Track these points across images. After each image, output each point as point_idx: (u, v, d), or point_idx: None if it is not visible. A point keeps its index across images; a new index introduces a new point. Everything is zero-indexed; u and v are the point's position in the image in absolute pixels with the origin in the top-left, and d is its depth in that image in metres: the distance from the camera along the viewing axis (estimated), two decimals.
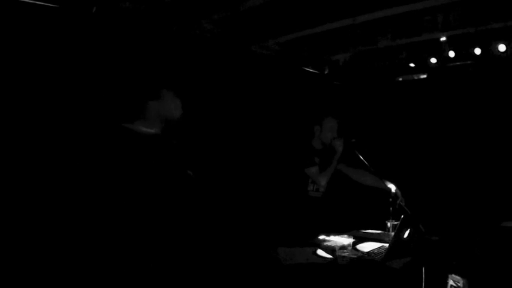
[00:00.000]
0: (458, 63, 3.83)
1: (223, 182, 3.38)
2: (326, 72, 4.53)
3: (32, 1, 2.53)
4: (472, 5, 3.13)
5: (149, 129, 1.85)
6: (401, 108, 4.47)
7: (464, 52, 3.66)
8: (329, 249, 2.30)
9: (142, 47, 2.98)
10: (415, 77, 4.34)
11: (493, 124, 3.87)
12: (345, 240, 2.32)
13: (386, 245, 2.39)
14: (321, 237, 2.51)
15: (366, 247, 2.41)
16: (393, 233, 2.40)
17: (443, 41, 3.67)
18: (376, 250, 2.35)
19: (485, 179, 3.81)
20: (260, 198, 3.37)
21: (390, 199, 2.73)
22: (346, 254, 2.21)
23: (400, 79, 4.47)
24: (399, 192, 2.77)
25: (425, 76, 4.26)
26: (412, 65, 4.09)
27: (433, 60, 3.88)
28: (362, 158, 2.78)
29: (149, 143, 1.81)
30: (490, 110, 3.90)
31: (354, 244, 2.38)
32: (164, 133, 1.90)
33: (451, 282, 2.11)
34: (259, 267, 2.34)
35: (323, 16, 3.34)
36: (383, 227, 2.76)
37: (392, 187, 2.79)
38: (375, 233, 2.79)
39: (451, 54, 3.71)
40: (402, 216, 2.28)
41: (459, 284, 2.08)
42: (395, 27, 3.60)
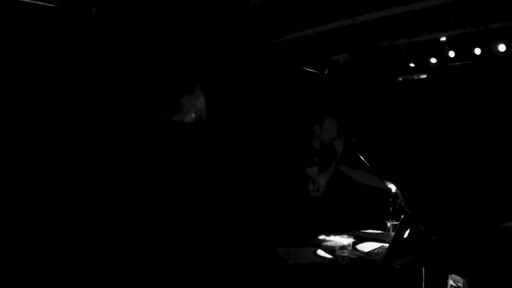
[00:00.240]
0: (458, 63, 3.83)
1: (223, 182, 3.38)
2: (326, 72, 4.53)
3: (32, 1, 2.53)
4: (472, 5, 3.13)
5: (184, 120, 2.05)
6: (401, 108, 4.47)
7: (464, 52, 3.66)
8: (329, 249, 2.30)
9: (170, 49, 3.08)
10: (415, 77, 4.34)
11: (493, 124, 3.87)
12: (345, 240, 2.32)
13: (386, 245, 2.38)
14: (321, 237, 2.51)
15: (366, 247, 2.41)
16: (393, 233, 2.40)
17: (443, 41, 3.67)
18: (376, 250, 2.35)
19: (485, 179, 3.81)
20: (260, 197, 3.37)
21: (390, 199, 2.73)
22: (346, 254, 2.21)
23: (400, 79, 4.47)
24: (399, 192, 2.77)
25: (425, 76, 4.26)
26: (412, 65, 4.09)
27: (433, 60, 3.88)
28: (362, 158, 2.78)
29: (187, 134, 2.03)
30: (490, 110, 3.90)
31: (354, 244, 2.37)
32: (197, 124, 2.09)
33: (451, 282, 2.11)
34: (259, 267, 2.34)
35: (323, 16, 3.34)
36: (383, 227, 2.76)
37: (392, 187, 2.79)
38: (375, 233, 2.79)
39: (451, 54, 3.71)
40: (402, 216, 2.28)
41: (459, 284, 2.08)
42: (395, 27, 3.59)
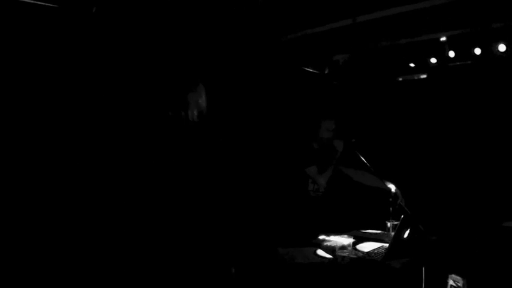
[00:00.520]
0: (458, 63, 3.83)
1: (223, 182, 3.38)
2: (326, 72, 4.53)
3: (32, 1, 2.53)
4: (472, 5, 3.13)
5: (189, 116, 2.25)
6: (401, 108, 4.47)
7: (464, 52, 3.66)
8: (329, 249, 2.30)
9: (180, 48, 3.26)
10: (415, 77, 4.34)
11: (493, 124, 3.87)
12: (345, 240, 2.32)
13: (386, 245, 2.38)
14: (321, 237, 2.51)
15: (366, 247, 2.41)
16: (393, 233, 2.40)
17: (443, 41, 3.67)
18: (376, 250, 2.35)
19: (485, 179, 3.81)
20: (260, 197, 3.37)
21: (390, 199, 2.73)
22: (346, 254, 2.21)
23: (400, 79, 4.47)
24: (399, 192, 2.77)
25: (425, 76, 4.26)
26: (412, 65, 4.09)
27: (433, 60, 3.88)
28: (362, 158, 2.78)
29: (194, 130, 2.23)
30: (490, 110, 3.90)
31: (354, 244, 2.37)
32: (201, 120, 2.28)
33: (451, 282, 2.11)
34: (259, 267, 2.34)
35: (323, 16, 3.34)
36: (383, 227, 2.75)
37: (392, 187, 2.79)
38: (375, 233, 2.79)
39: (451, 54, 3.71)
40: (402, 216, 2.28)
41: (459, 284, 2.08)
42: (395, 27, 3.59)
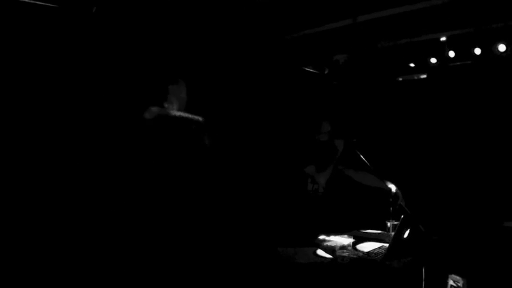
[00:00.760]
0: (458, 63, 3.83)
1: (222, 182, 3.38)
2: (326, 72, 4.53)
3: (32, 1, 2.53)
4: (472, 5, 3.13)
5: (170, 108, 2.41)
6: (401, 108, 4.46)
7: (464, 52, 3.66)
8: (329, 249, 2.30)
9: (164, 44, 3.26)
10: (415, 77, 4.34)
11: (493, 124, 3.87)
12: (345, 240, 2.31)
13: (386, 245, 2.38)
14: (321, 237, 2.51)
15: (366, 247, 2.41)
16: (393, 233, 2.40)
17: (443, 41, 3.67)
18: (376, 250, 2.35)
19: (485, 179, 3.81)
20: (260, 197, 3.37)
21: (390, 199, 2.73)
22: (346, 254, 2.20)
23: (400, 79, 4.47)
24: (399, 192, 2.77)
25: (425, 76, 4.26)
26: (412, 65, 4.09)
27: (433, 60, 3.88)
28: (363, 158, 2.78)
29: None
30: (490, 110, 3.90)
31: (354, 244, 2.38)
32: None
33: (451, 282, 2.11)
34: (259, 266, 2.34)
35: (323, 16, 3.34)
36: (383, 227, 2.75)
37: (392, 187, 2.79)
38: (375, 233, 2.78)
39: (451, 54, 3.71)
40: (402, 216, 2.28)
41: (459, 284, 2.08)
42: (395, 27, 3.59)
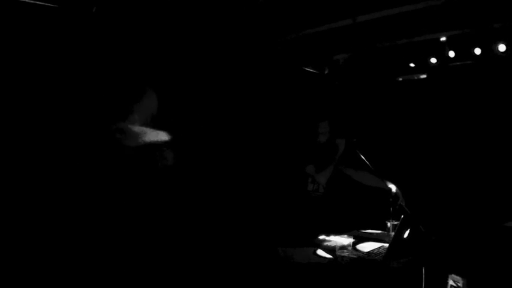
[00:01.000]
0: (458, 63, 3.83)
1: (222, 182, 3.38)
2: (326, 72, 4.53)
3: (32, 1, 2.53)
4: (472, 5, 3.13)
5: (139, 124, 2.04)
6: (401, 108, 4.46)
7: (464, 52, 3.66)
8: (329, 249, 2.30)
9: (130, 49, 3.06)
10: (415, 77, 4.34)
11: (494, 124, 3.87)
12: (345, 240, 2.31)
13: (386, 245, 2.39)
14: (321, 237, 2.51)
15: (366, 247, 2.41)
16: (393, 233, 2.40)
17: (443, 41, 3.67)
18: (376, 250, 2.35)
19: (485, 179, 3.81)
20: (260, 197, 3.37)
21: (390, 199, 2.73)
22: (346, 254, 2.21)
23: (400, 79, 4.47)
24: (400, 192, 2.77)
25: (425, 76, 4.26)
26: (412, 65, 4.09)
27: (433, 60, 3.88)
28: (363, 158, 2.78)
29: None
30: (491, 110, 3.90)
31: (354, 244, 2.37)
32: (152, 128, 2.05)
33: (451, 282, 2.11)
34: (259, 266, 2.34)
35: (323, 16, 3.34)
36: (383, 227, 2.75)
37: (392, 187, 2.79)
38: (375, 233, 2.79)
39: (451, 54, 3.71)
40: (402, 216, 2.28)
41: (459, 284, 2.08)
42: (395, 27, 3.59)
